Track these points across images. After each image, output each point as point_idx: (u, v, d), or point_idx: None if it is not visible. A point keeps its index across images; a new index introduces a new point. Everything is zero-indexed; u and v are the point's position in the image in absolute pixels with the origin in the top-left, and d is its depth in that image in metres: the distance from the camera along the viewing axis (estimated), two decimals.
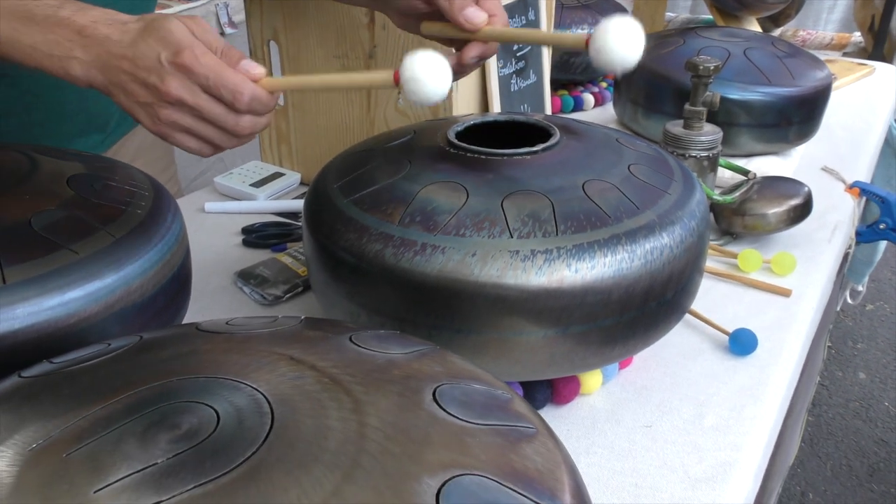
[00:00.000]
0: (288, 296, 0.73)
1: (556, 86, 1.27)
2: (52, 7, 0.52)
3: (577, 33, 0.56)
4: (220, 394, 0.31)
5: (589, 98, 1.25)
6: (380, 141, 0.65)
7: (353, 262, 0.53)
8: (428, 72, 0.51)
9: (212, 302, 0.74)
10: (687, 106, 0.82)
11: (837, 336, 1.99)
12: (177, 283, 0.55)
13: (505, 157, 0.57)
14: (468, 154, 0.58)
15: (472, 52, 0.59)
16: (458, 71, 0.60)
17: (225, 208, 0.90)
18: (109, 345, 0.39)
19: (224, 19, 2.00)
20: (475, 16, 0.57)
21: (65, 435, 0.30)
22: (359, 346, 0.37)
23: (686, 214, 0.55)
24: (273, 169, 0.97)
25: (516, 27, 0.91)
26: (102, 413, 0.31)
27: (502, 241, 0.50)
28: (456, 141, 0.59)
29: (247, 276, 0.75)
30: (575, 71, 1.24)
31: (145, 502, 0.26)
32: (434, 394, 0.33)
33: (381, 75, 0.54)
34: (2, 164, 0.56)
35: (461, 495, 0.27)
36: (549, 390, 0.58)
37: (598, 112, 1.23)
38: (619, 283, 0.50)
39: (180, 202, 0.93)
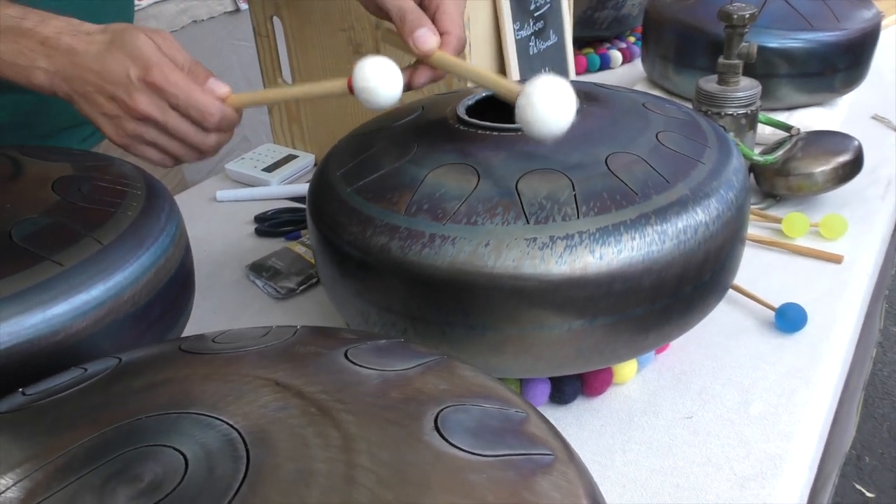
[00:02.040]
0: (301, 288, 0.70)
1: (580, 44, 1.20)
2: (15, 18, 0.52)
3: (511, 84, 0.49)
4: (190, 433, 0.28)
5: (616, 55, 1.18)
6: (386, 120, 0.61)
7: (359, 256, 0.49)
8: (380, 79, 0.50)
9: (223, 298, 0.70)
10: (721, 59, 0.75)
11: (890, 290, 1.90)
12: (175, 288, 0.52)
13: (519, 133, 0.52)
14: (479, 131, 0.53)
15: (421, 77, 0.55)
16: (407, 88, 0.55)
17: (237, 196, 0.86)
18: (86, 370, 0.36)
19: None
20: (425, 42, 0.53)
21: (19, 490, 0.27)
22: (354, 363, 0.33)
23: (723, 185, 0.50)
24: (286, 151, 0.93)
25: (533, 6, 0.85)
26: (61, 461, 0.27)
27: (518, 228, 0.46)
28: (465, 117, 0.54)
29: (259, 269, 0.72)
30: (600, 27, 1.17)
31: None
32: (436, 420, 0.29)
33: (337, 84, 0.53)
34: None
35: None
36: (578, 382, 0.54)
37: (626, 70, 1.16)
38: (649, 269, 0.45)
39: (190, 192, 0.90)
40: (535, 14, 0.86)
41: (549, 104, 0.45)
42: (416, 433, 0.28)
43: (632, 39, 1.22)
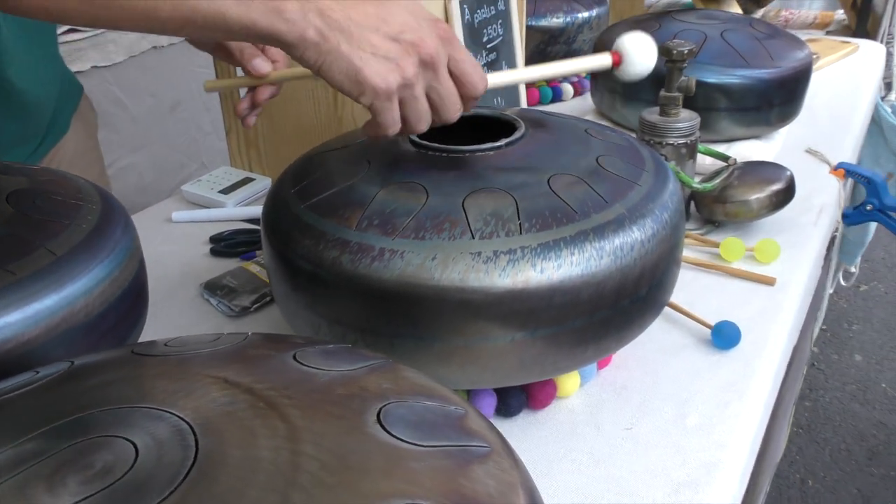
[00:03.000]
0: (256, 306, 0.71)
1: None
2: None
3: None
4: (141, 425, 0.29)
5: (568, 88, 1.22)
6: (340, 141, 0.63)
7: (311, 269, 0.51)
8: (642, 50, 0.59)
9: (177, 315, 0.71)
10: (662, 92, 0.79)
11: (832, 318, 1.97)
12: (128, 300, 0.53)
13: (467, 154, 0.55)
14: (429, 152, 0.55)
15: (263, 94, 0.65)
16: (253, 108, 0.66)
17: (192, 217, 0.87)
18: (37, 373, 0.36)
19: None
20: (262, 66, 0.61)
21: None
22: (302, 364, 0.35)
23: (658, 206, 0.53)
24: (242, 174, 0.94)
25: (485, 17, 0.88)
26: (11, 454, 0.28)
27: (464, 243, 0.48)
28: (416, 139, 0.57)
29: (213, 287, 0.73)
30: (552, 60, 1.21)
31: None
32: (378, 414, 0.31)
33: (601, 59, 0.59)
34: None
35: None
36: (524, 395, 0.56)
37: (577, 102, 1.20)
38: (588, 282, 0.48)
39: (146, 212, 0.90)
40: (488, 45, 0.90)
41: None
42: (359, 425, 0.30)
43: (583, 74, 1.27)
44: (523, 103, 0.99)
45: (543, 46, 1.19)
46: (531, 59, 1.19)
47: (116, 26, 0.46)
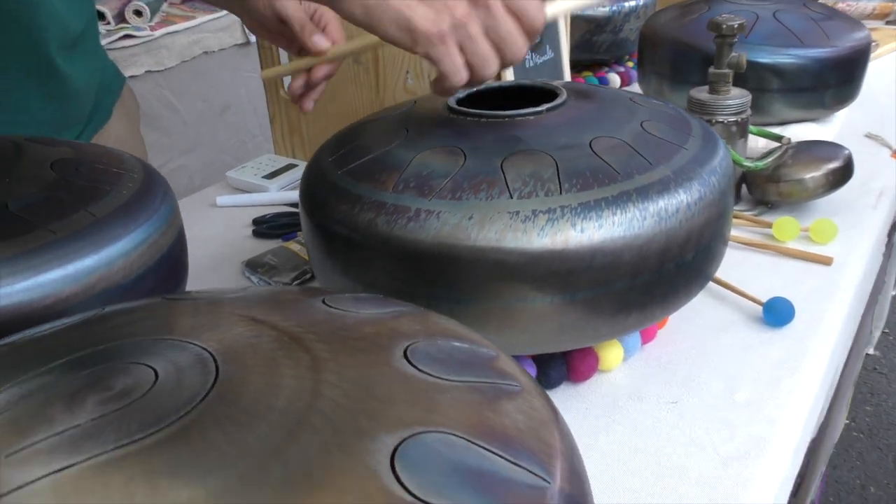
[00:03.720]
0: (296, 283, 0.70)
1: (579, 67, 1.23)
2: None
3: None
4: (163, 354, 0.28)
5: (614, 78, 1.20)
6: (379, 114, 0.62)
7: (346, 234, 0.50)
8: None
9: None
10: (711, 69, 0.77)
11: (894, 321, 1.89)
12: (167, 266, 0.53)
13: (507, 119, 0.53)
14: (468, 118, 0.54)
15: (320, 72, 0.64)
16: (311, 88, 0.65)
17: (236, 201, 0.88)
18: (70, 318, 0.36)
19: None
20: (321, 41, 0.62)
21: None
22: (331, 306, 0.34)
23: (706, 170, 0.51)
24: (286, 161, 0.95)
25: None
26: (36, 380, 0.28)
27: (501, 202, 0.46)
28: (455, 105, 0.56)
29: (254, 265, 0.73)
30: (598, 50, 1.20)
31: (56, 465, 0.23)
32: (406, 351, 0.30)
33: None
34: None
35: (421, 454, 0.24)
36: (564, 367, 0.54)
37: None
38: (630, 244, 0.46)
39: (192, 198, 0.92)
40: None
41: None
42: (384, 359, 0.29)
43: (630, 64, 1.25)
44: None
45: (589, 36, 1.17)
46: (577, 48, 1.18)
47: None
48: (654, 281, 0.48)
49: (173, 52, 1.89)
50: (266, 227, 0.81)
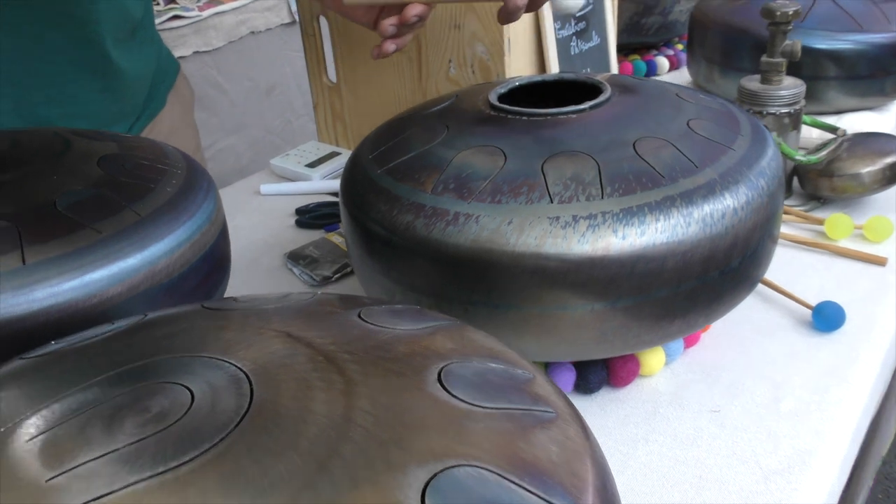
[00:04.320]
0: (337, 276, 0.71)
1: (626, 50, 1.20)
2: None
3: None
4: (200, 373, 0.29)
5: (663, 62, 1.17)
6: (420, 108, 0.61)
7: (385, 234, 0.50)
8: None
9: (261, 284, 0.72)
10: (764, 58, 0.74)
11: None
12: (209, 263, 0.53)
13: (548, 117, 0.52)
14: (508, 116, 0.53)
15: (414, 10, 0.60)
16: (402, 31, 0.62)
17: (279, 190, 0.88)
18: (114, 324, 0.37)
19: (294, 6, 2.01)
20: None
21: (36, 419, 0.28)
22: (366, 321, 0.34)
23: (754, 173, 0.49)
24: (329, 148, 0.95)
25: None
26: (80, 396, 0.29)
27: (541, 207, 0.46)
28: (496, 103, 0.55)
29: (296, 257, 0.73)
30: (647, 33, 1.17)
31: (95, 492, 0.23)
32: (440, 374, 0.30)
33: None
34: (34, 145, 0.55)
35: (453, 490, 0.24)
36: (604, 371, 0.53)
37: (672, 76, 1.15)
38: (673, 250, 0.45)
39: (235, 186, 0.92)
40: (577, 14, 0.87)
41: None
42: (418, 384, 0.29)
43: (679, 47, 1.21)
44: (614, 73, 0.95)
45: (637, 18, 1.14)
46: (625, 31, 1.15)
47: None
48: (698, 288, 0.47)
49: (221, 32, 1.91)
50: (309, 217, 0.81)
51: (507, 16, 0.51)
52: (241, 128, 2.00)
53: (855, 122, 0.87)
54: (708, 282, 0.47)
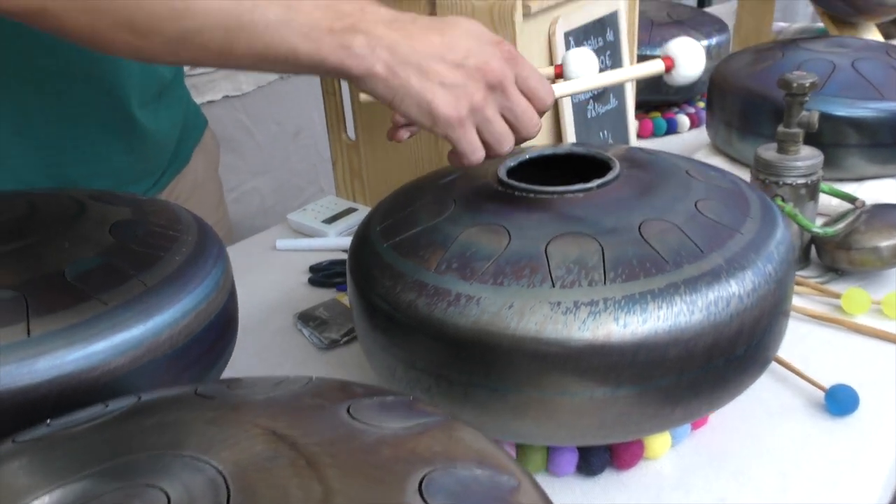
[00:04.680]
0: (345, 339, 0.71)
1: (647, 107, 1.20)
2: None
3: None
4: (179, 476, 0.29)
5: (683, 120, 1.17)
6: (432, 177, 0.62)
7: (388, 310, 0.50)
8: (691, 55, 0.60)
9: (270, 343, 0.72)
10: (780, 128, 0.74)
11: None
12: (214, 332, 0.54)
13: (555, 196, 0.52)
14: (516, 192, 0.54)
15: None
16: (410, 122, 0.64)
17: (295, 245, 0.89)
18: (107, 406, 0.37)
19: None
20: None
21: None
22: (354, 418, 0.34)
23: (761, 257, 0.48)
24: (347, 204, 0.96)
25: (592, 48, 0.86)
26: (59, 493, 0.29)
27: (543, 291, 0.45)
28: (504, 178, 0.55)
29: (306, 318, 0.74)
30: (667, 91, 1.16)
31: None
32: (421, 482, 0.29)
33: (654, 65, 0.61)
34: (50, 211, 0.56)
35: None
36: (607, 453, 0.53)
37: (693, 135, 1.15)
38: (676, 339, 0.44)
39: (253, 239, 0.93)
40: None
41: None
42: (398, 494, 0.28)
43: (701, 105, 1.21)
44: (632, 137, 0.95)
45: (657, 77, 1.14)
46: (646, 89, 1.15)
47: (197, 63, 0.48)
48: (702, 377, 0.46)
49: (250, 77, 1.94)
50: (322, 275, 0.82)
51: (457, 165, 0.52)
52: (267, 170, 2.03)
53: (876, 191, 0.86)
54: (712, 370, 0.46)
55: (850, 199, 0.77)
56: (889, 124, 0.83)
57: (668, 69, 0.61)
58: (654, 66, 0.61)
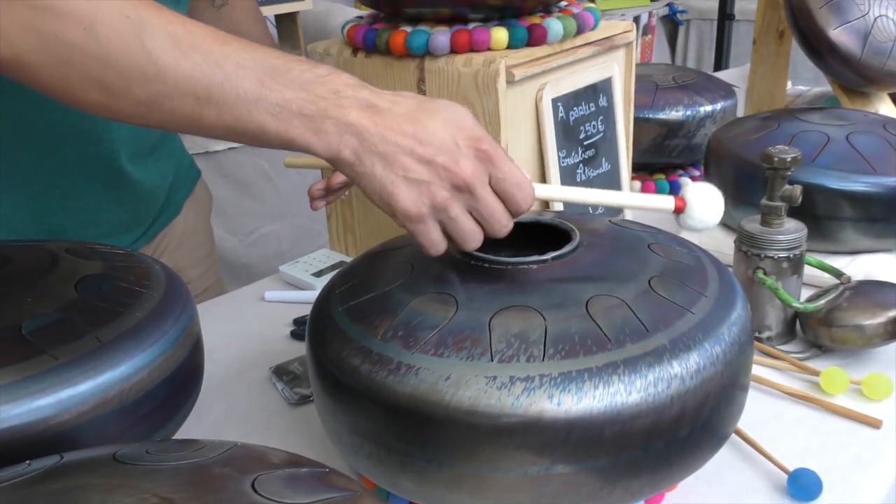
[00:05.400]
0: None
1: (651, 169, 1.20)
2: (305, 67, 0.48)
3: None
4: None
5: (686, 182, 1.16)
6: (398, 242, 0.62)
7: (336, 374, 0.50)
8: (706, 204, 0.56)
9: (243, 397, 0.73)
10: (763, 200, 0.73)
11: None
12: (169, 388, 0.55)
13: (509, 267, 0.53)
14: (472, 261, 0.54)
15: (338, 178, 0.66)
16: (328, 193, 0.68)
17: (283, 297, 0.90)
18: (29, 465, 0.38)
19: None
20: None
21: None
22: (257, 492, 0.34)
23: (710, 338, 0.48)
24: (339, 258, 0.97)
25: (582, 114, 0.87)
26: None
27: (481, 365, 0.45)
28: None
29: (280, 372, 0.74)
30: (671, 154, 1.17)
31: None
32: None
33: (664, 201, 0.56)
34: (23, 264, 0.58)
35: None
36: None
37: None
38: (613, 419, 0.44)
39: (243, 290, 0.95)
40: (585, 142, 0.88)
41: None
42: None
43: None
44: (627, 212, 0.95)
45: (661, 140, 1.14)
46: (649, 151, 1.15)
47: (165, 127, 0.49)
48: (641, 458, 0.45)
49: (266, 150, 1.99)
50: (303, 328, 0.82)
51: (422, 250, 0.51)
52: (285, 215, 2.07)
53: (869, 265, 0.84)
54: (652, 451, 0.45)
55: (837, 273, 0.75)
56: (882, 199, 0.82)
57: (679, 210, 0.55)
58: (664, 203, 0.56)
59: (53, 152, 0.72)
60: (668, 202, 0.55)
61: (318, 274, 0.93)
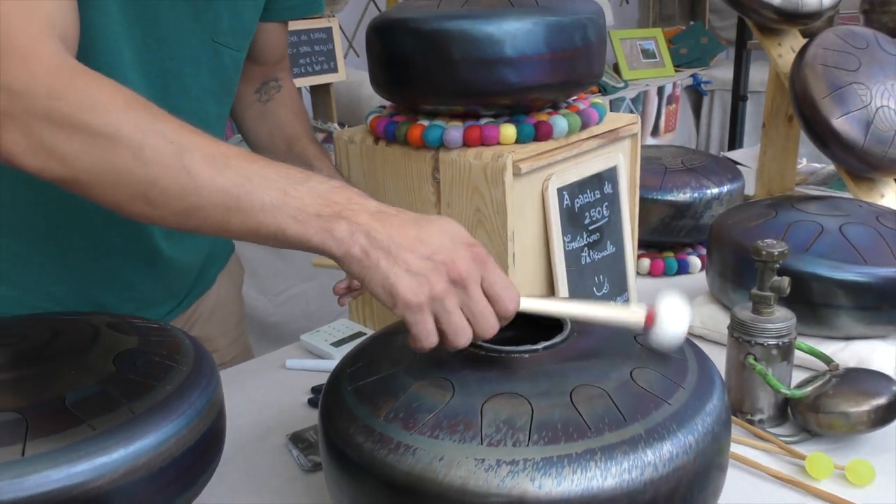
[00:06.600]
0: None
1: (661, 247, 1.25)
2: (321, 180, 0.55)
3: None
4: None
5: (695, 261, 1.21)
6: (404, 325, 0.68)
7: (341, 448, 0.55)
8: (673, 319, 0.57)
9: (261, 463, 0.78)
10: (754, 290, 0.78)
11: None
12: (193, 456, 0.60)
13: (502, 355, 0.58)
14: (470, 348, 0.59)
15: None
16: (349, 291, 0.78)
17: (303, 365, 0.96)
18: None
19: None
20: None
21: None
22: None
23: (683, 428, 0.52)
24: (357, 328, 1.02)
25: (587, 201, 0.92)
26: None
27: (471, 448, 0.50)
28: None
29: (296, 439, 0.79)
30: (678, 234, 1.22)
31: None
32: None
33: (634, 315, 0.58)
34: (69, 338, 0.65)
35: None
36: None
37: (702, 276, 1.18)
38: (589, 503, 0.48)
39: (265, 357, 1.00)
40: (591, 227, 0.93)
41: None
42: None
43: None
44: (630, 282, 0.99)
45: (669, 220, 1.19)
46: (657, 230, 1.21)
47: (199, 232, 0.56)
48: None
49: None
50: (318, 397, 0.88)
51: (413, 346, 0.55)
52: (314, 276, 2.14)
53: (863, 350, 0.87)
54: None
55: (826, 360, 0.79)
56: (873, 288, 0.86)
57: (648, 325, 0.57)
58: (634, 317, 0.58)
59: (103, 238, 0.79)
60: (638, 317, 0.58)
61: (337, 343, 0.98)
